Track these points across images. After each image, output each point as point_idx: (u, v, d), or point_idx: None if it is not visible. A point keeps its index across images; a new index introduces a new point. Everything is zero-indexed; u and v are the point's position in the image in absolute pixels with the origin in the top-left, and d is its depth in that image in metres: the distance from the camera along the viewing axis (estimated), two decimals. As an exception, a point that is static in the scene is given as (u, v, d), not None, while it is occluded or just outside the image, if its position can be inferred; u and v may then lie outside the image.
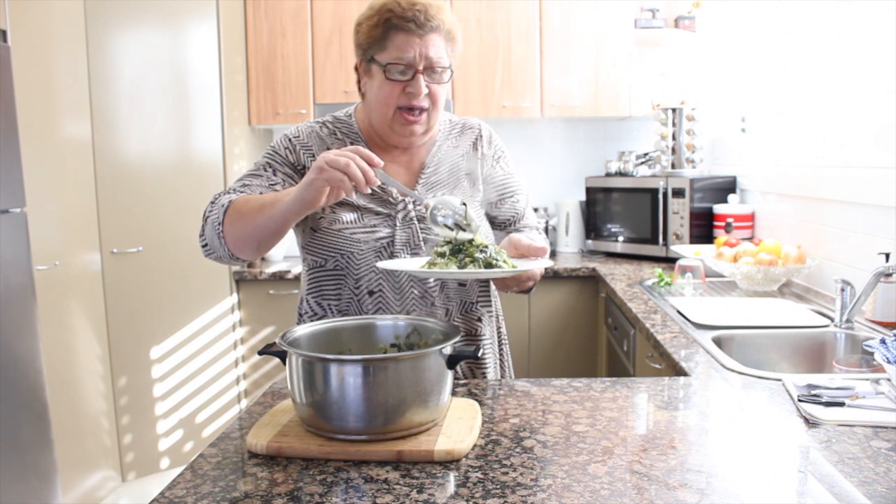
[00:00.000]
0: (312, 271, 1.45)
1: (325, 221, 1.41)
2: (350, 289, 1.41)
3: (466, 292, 1.46)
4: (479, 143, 1.52)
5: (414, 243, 1.40)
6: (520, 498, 0.89)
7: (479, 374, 1.49)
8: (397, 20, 1.32)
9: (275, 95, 3.56)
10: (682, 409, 1.26)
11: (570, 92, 3.53)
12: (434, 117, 1.40)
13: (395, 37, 1.33)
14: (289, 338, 1.13)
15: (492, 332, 1.52)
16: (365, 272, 1.40)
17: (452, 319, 1.44)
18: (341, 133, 1.47)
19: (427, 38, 1.32)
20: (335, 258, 1.40)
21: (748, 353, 1.83)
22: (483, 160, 1.51)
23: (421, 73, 1.33)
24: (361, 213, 1.40)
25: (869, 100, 2.11)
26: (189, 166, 3.20)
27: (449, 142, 1.50)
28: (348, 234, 1.39)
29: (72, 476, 2.72)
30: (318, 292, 1.45)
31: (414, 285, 1.40)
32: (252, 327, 3.41)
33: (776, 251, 2.41)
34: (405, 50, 1.32)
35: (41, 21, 2.62)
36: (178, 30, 3.14)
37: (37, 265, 2.41)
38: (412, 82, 1.34)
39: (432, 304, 1.42)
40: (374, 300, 1.40)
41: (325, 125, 1.48)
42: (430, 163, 1.46)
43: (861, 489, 0.92)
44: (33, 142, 2.48)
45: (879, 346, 1.30)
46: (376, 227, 1.40)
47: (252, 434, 1.07)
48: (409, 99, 1.35)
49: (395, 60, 1.33)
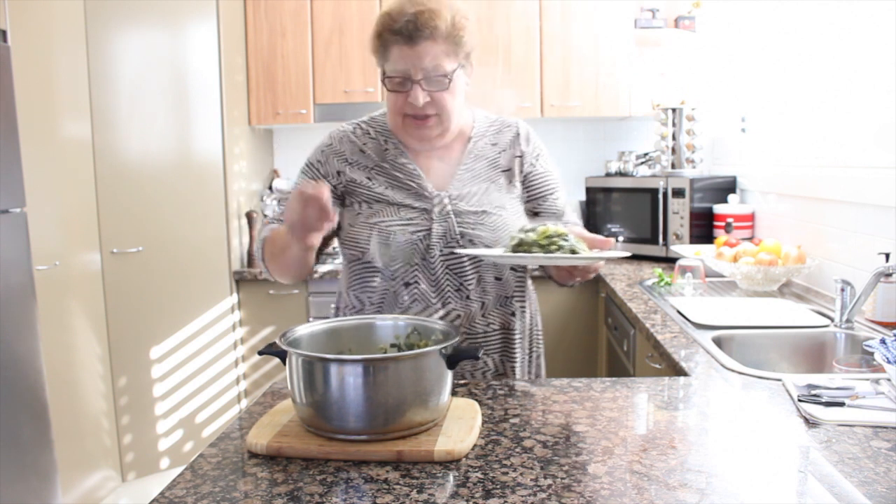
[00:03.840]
0: (351, 265, 1.49)
1: (362, 216, 1.43)
2: (386, 280, 1.43)
3: (503, 286, 1.47)
4: (517, 140, 1.52)
5: (450, 237, 1.41)
6: (520, 498, 0.89)
7: (508, 368, 1.49)
8: (388, 34, 1.34)
9: (275, 95, 3.56)
10: (682, 409, 1.26)
11: (570, 92, 3.53)
12: (446, 121, 1.40)
13: (391, 49, 1.35)
14: (289, 338, 1.13)
15: (523, 327, 1.52)
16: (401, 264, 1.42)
17: (487, 313, 1.45)
18: (375, 132, 1.50)
19: (420, 47, 1.32)
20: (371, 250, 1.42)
21: (748, 353, 1.83)
22: (523, 158, 1.52)
23: (418, 82, 1.34)
24: (398, 207, 1.42)
25: (869, 100, 2.11)
26: (189, 166, 3.20)
27: (486, 138, 1.51)
28: (384, 227, 1.41)
29: (72, 476, 2.72)
30: (357, 286, 1.48)
31: (450, 278, 1.41)
32: (252, 327, 3.41)
33: (776, 251, 2.41)
34: (399, 62, 1.34)
35: (41, 21, 2.62)
36: (178, 30, 3.14)
37: (37, 265, 2.41)
38: (410, 92, 1.35)
39: (468, 297, 1.42)
40: (409, 292, 1.42)
41: (359, 126, 1.52)
42: (467, 158, 1.48)
43: (861, 489, 0.92)
44: (33, 142, 2.48)
45: (879, 346, 1.30)
46: (413, 220, 1.41)
47: (252, 434, 1.07)
48: (412, 108, 1.36)
49: (392, 73, 1.36)
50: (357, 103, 3.53)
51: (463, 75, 1.41)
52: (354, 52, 3.51)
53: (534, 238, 1.27)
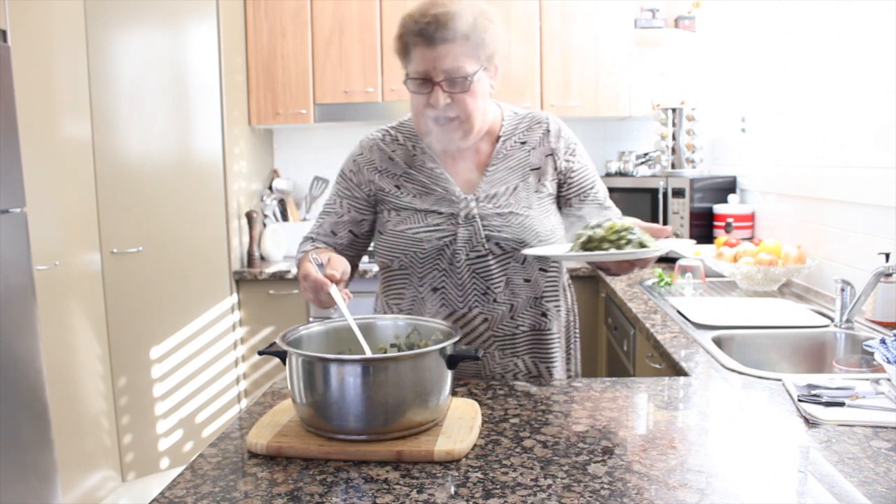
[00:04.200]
0: (383, 272, 1.51)
1: (391, 224, 1.45)
2: (415, 287, 1.44)
3: (532, 288, 1.46)
4: (546, 138, 1.49)
5: (476, 241, 1.42)
6: (520, 498, 0.89)
7: (543, 369, 1.49)
8: (409, 35, 1.33)
9: (275, 95, 3.56)
10: (682, 409, 1.26)
11: (570, 92, 3.53)
12: (468, 124, 1.38)
13: (413, 51, 1.34)
14: (289, 338, 1.13)
15: (559, 327, 1.52)
16: (428, 270, 1.43)
17: (516, 315, 1.45)
18: (403, 137, 1.50)
19: (440, 49, 1.31)
20: (399, 258, 1.44)
21: (748, 353, 1.83)
22: (555, 156, 1.49)
23: (439, 84, 1.33)
24: (425, 214, 1.43)
25: (869, 100, 2.11)
26: (189, 166, 3.20)
27: (515, 136, 1.49)
28: (411, 235, 1.42)
29: (72, 476, 2.72)
30: (388, 292, 1.50)
31: (477, 281, 1.42)
32: (252, 327, 3.41)
33: (776, 251, 2.41)
34: (420, 64, 1.33)
35: (41, 21, 2.62)
36: (178, 30, 3.14)
37: (37, 265, 2.41)
38: (431, 95, 1.34)
39: (495, 300, 1.43)
40: (437, 297, 1.43)
41: (388, 132, 1.52)
42: (496, 158, 1.47)
43: (861, 489, 0.92)
44: (33, 142, 2.48)
45: (879, 346, 1.30)
46: (439, 225, 1.42)
47: (252, 434, 1.07)
48: (432, 110, 1.36)
49: (413, 75, 1.35)
50: (357, 103, 3.53)
51: (486, 77, 1.39)
52: (354, 52, 3.51)
53: (602, 234, 1.25)
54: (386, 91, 3.52)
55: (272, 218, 3.79)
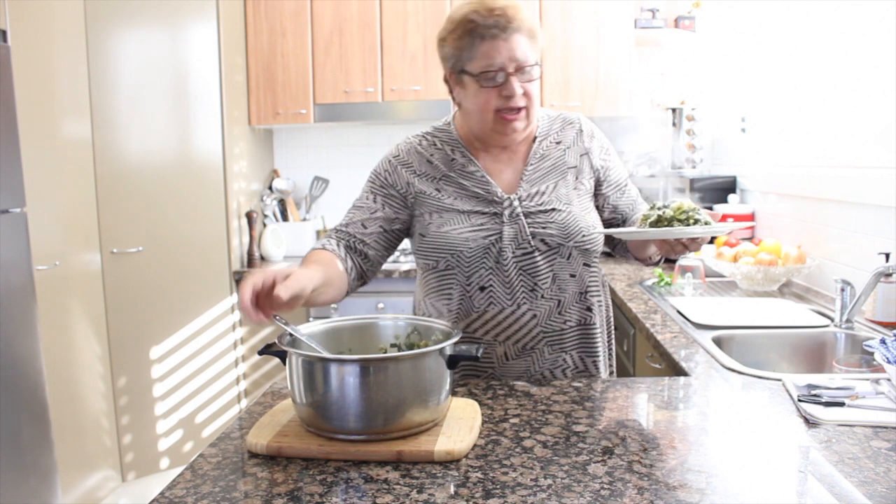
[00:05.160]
0: (426, 274, 1.50)
1: (433, 226, 1.45)
2: (461, 286, 1.45)
3: (577, 282, 1.48)
4: (580, 137, 1.54)
5: (521, 238, 1.43)
6: (520, 498, 0.89)
7: (590, 364, 1.50)
8: (481, 29, 1.36)
9: (275, 95, 3.56)
10: (682, 409, 1.26)
11: (570, 92, 3.53)
12: (532, 113, 1.43)
13: (481, 45, 1.36)
14: (288, 338, 1.13)
15: (602, 321, 1.54)
16: (475, 269, 1.43)
17: (564, 311, 1.46)
18: (441, 142, 1.51)
19: (511, 40, 1.36)
20: (446, 258, 1.44)
21: (748, 353, 1.83)
22: (590, 155, 1.53)
23: (512, 74, 1.37)
24: (468, 214, 1.44)
25: (869, 100, 2.11)
26: (189, 166, 3.20)
27: (550, 137, 1.53)
28: (456, 235, 1.43)
29: (72, 476, 2.72)
30: (434, 294, 1.49)
31: (524, 278, 1.43)
32: (252, 327, 3.41)
33: (776, 251, 2.41)
34: (493, 56, 1.36)
35: (41, 21, 2.62)
36: (178, 30, 3.14)
37: (37, 265, 2.41)
38: (506, 86, 1.37)
39: (542, 296, 1.44)
40: (484, 295, 1.44)
41: (424, 137, 1.52)
42: (532, 159, 1.49)
43: (861, 489, 0.92)
44: (33, 142, 2.48)
45: (879, 346, 1.30)
46: (483, 225, 1.43)
47: (252, 434, 1.07)
48: (506, 101, 1.38)
49: (486, 68, 1.37)
50: (357, 103, 3.53)
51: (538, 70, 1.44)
52: (354, 52, 3.51)
53: (671, 213, 1.31)
54: (386, 91, 3.52)
55: (272, 218, 3.80)
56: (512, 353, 1.45)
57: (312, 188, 3.89)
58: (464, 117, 1.49)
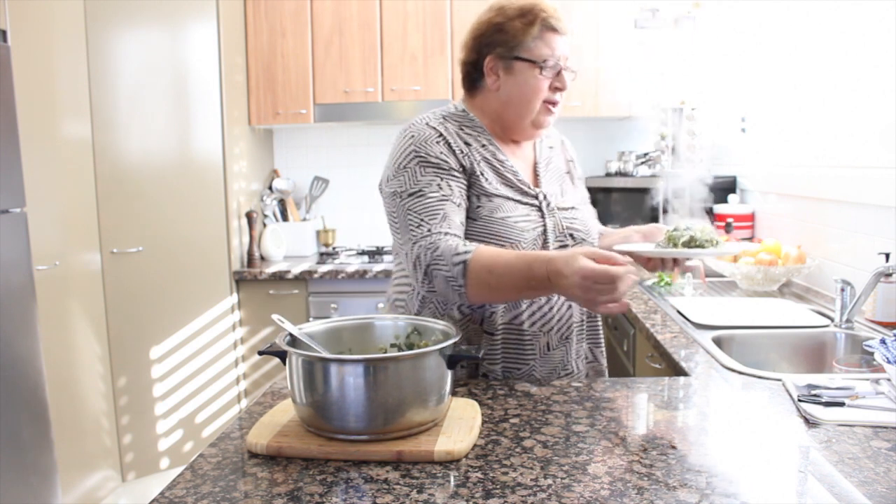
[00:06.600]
0: None
1: (484, 210, 1.39)
2: None
3: None
4: (564, 146, 1.64)
5: (559, 231, 1.45)
6: (520, 498, 0.89)
7: (598, 354, 1.54)
8: (553, 20, 1.42)
9: (275, 95, 3.56)
10: (682, 409, 1.26)
11: (570, 91, 3.51)
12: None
13: (548, 36, 1.42)
14: (289, 338, 1.13)
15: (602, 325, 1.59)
16: None
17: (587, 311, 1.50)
18: (467, 128, 1.46)
19: (565, 37, 1.45)
20: (503, 246, 1.39)
21: (748, 353, 1.83)
22: (574, 163, 1.63)
23: (566, 68, 1.46)
24: (515, 203, 1.43)
25: (869, 100, 2.11)
26: (189, 166, 3.20)
27: (545, 141, 1.59)
28: (512, 223, 1.40)
29: (72, 476, 2.72)
30: None
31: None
32: (252, 327, 3.41)
33: (776, 251, 2.40)
34: (557, 48, 1.43)
35: (41, 21, 2.62)
36: (178, 30, 3.14)
37: (37, 265, 2.41)
38: (559, 77, 1.45)
39: None
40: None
41: (447, 120, 1.45)
42: (540, 159, 1.54)
43: (861, 489, 0.92)
44: (33, 142, 2.48)
45: (879, 346, 1.30)
46: (528, 215, 1.44)
47: (252, 434, 1.07)
48: (553, 93, 1.45)
49: (549, 57, 1.43)
50: (357, 103, 3.53)
51: None
52: (354, 52, 3.51)
53: (700, 235, 1.41)
54: (386, 91, 3.52)
55: (272, 218, 3.80)
56: (553, 343, 1.45)
57: (312, 188, 3.89)
58: (499, 105, 1.45)
